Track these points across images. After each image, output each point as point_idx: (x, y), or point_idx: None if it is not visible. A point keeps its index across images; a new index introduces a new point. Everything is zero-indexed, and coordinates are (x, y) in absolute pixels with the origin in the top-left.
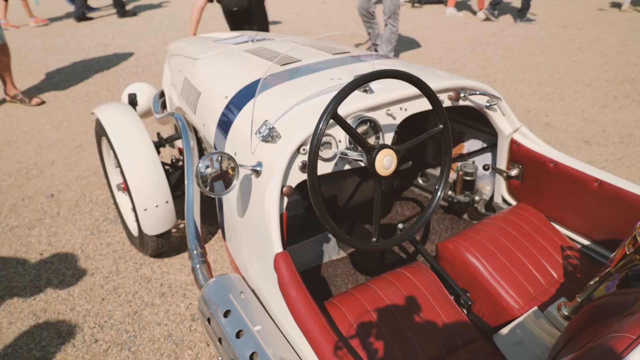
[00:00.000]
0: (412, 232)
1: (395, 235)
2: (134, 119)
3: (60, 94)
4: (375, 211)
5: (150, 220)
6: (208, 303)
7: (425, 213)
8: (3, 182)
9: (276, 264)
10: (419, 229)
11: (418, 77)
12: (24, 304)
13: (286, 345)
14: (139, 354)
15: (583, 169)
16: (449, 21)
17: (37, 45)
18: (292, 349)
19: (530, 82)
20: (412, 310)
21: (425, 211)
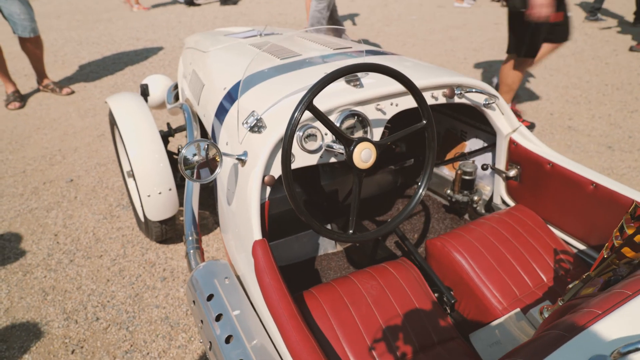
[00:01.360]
0: (388, 228)
1: (371, 230)
2: (142, 108)
3: (89, 84)
4: (353, 203)
5: (154, 207)
6: (195, 286)
7: (404, 210)
8: (28, 166)
9: (254, 251)
10: (396, 226)
11: (400, 72)
12: (35, 281)
13: (261, 330)
14: (136, 334)
15: (579, 171)
16: (479, 21)
17: (73, 37)
18: (266, 333)
19: (557, 84)
20: (389, 304)
21: (404, 208)
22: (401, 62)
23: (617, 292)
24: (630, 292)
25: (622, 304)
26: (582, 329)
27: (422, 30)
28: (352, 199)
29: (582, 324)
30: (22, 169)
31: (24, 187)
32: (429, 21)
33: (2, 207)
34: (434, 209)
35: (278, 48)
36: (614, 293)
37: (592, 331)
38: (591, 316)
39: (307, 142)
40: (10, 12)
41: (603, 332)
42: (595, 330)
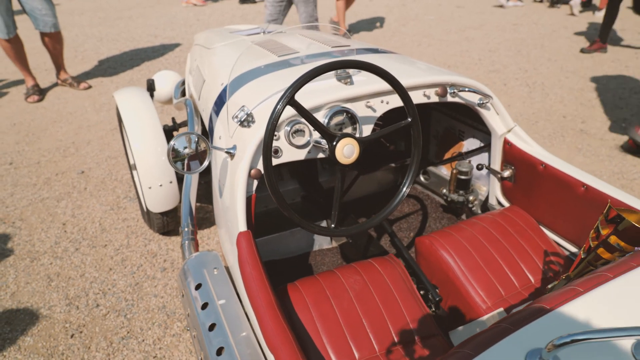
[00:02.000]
0: (370, 224)
1: (353, 225)
2: (147, 102)
3: (106, 79)
4: (335, 198)
5: (155, 199)
6: (185, 276)
7: (387, 208)
8: (42, 157)
9: (238, 242)
10: (378, 223)
11: (385, 69)
12: (41, 268)
13: (243, 319)
14: (133, 321)
15: (570, 172)
16: (497, 21)
17: (94, 34)
18: (248, 323)
19: (572, 86)
20: (371, 299)
21: (387, 206)
22: (395, 61)
23: (569, 289)
24: (582, 289)
25: (570, 300)
26: (527, 322)
27: (439, 30)
28: (335, 193)
29: (529, 317)
30: (36, 160)
31: (37, 177)
32: (446, 21)
33: (15, 196)
34: (431, 208)
35: (277, 45)
36: (566, 290)
37: (536, 325)
38: (540, 310)
39: (295, 138)
40: (32, 8)
41: (547, 325)
42: (540, 324)
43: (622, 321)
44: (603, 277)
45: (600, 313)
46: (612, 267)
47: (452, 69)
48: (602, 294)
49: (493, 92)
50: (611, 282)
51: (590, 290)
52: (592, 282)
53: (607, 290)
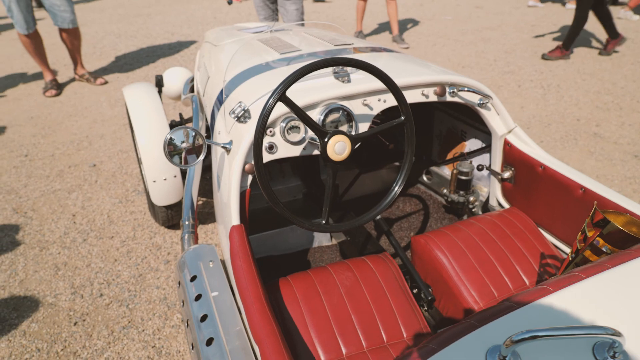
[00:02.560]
0: (359, 222)
1: (343, 222)
2: (153, 98)
3: (122, 75)
4: (326, 194)
5: (159, 192)
6: (182, 267)
7: (378, 206)
8: (57, 150)
9: (230, 235)
10: (368, 221)
11: (377, 67)
12: (49, 257)
13: (234, 312)
14: (135, 311)
15: (569, 174)
16: (515, 22)
17: (113, 30)
18: (239, 315)
19: (588, 89)
20: (361, 296)
21: (378, 204)
22: (395, 59)
23: (540, 288)
24: (553, 289)
25: (539, 299)
26: (493, 319)
27: (455, 31)
28: (326, 190)
29: (496, 314)
30: (51, 153)
31: (50, 169)
32: (463, 22)
33: (29, 187)
34: (433, 208)
35: (280, 42)
36: (537, 289)
37: (501, 322)
38: (507, 308)
39: (290, 134)
40: (51, 4)
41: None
42: (505, 321)
43: (587, 321)
44: (575, 278)
45: (566, 312)
46: (587, 267)
47: (466, 70)
48: (571, 294)
49: (507, 93)
50: (582, 282)
51: (561, 289)
52: (564, 282)
53: (577, 290)
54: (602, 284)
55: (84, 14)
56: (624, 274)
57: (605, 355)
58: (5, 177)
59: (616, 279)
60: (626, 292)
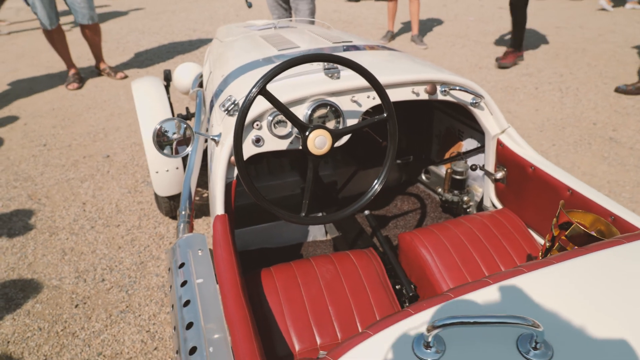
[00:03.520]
0: (336, 217)
1: (322, 215)
2: (159, 91)
3: (142, 70)
4: (307, 187)
5: (162, 183)
6: (173, 254)
7: (357, 203)
8: (74, 141)
9: (214, 224)
10: (346, 216)
11: (360, 65)
12: (58, 242)
13: (215, 298)
14: (133, 297)
15: (558, 175)
16: (539, 24)
17: (137, 27)
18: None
19: (608, 93)
20: (340, 289)
21: (357, 201)
22: (388, 57)
23: (481, 281)
24: (492, 282)
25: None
26: (427, 308)
27: (476, 31)
28: (307, 183)
29: (431, 303)
30: (68, 143)
31: (66, 159)
32: (486, 23)
33: (45, 175)
34: (431, 207)
35: (281, 39)
36: (477, 282)
37: (434, 310)
38: (443, 298)
39: (277, 128)
40: (72, 1)
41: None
42: (438, 310)
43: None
44: (518, 272)
45: (499, 303)
46: (533, 263)
47: (483, 71)
48: (509, 286)
49: (522, 95)
50: (522, 276)
51: (499, 282)
52: (505, 276)
53: (515, 283)
54: (542, 278)
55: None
56: (565, 270)
57: (528, 347)
58: (24, 165)
59: (556, 275)
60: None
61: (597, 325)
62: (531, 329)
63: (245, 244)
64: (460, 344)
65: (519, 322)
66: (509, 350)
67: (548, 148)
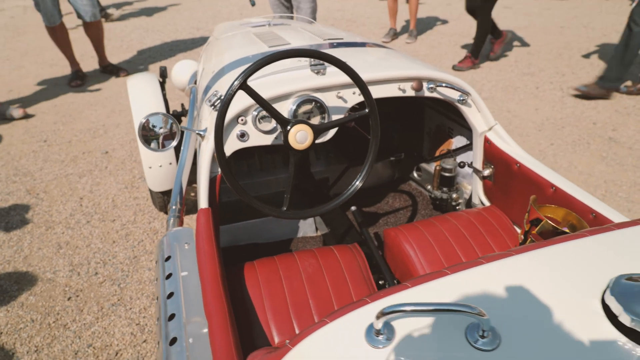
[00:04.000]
0: (315, 212)
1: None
2: (153, 87)
3: (144, 68)
4: (288, 182)
5: (155, 178)
6: (161, 247)
7: (338, 198)
8: (74, 137)
9: (197, 217)
10: (325, 211)
11: (342, 61)
12: (54, 236)
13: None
14: (125, 290)
15: (542, 172)
16: (543, 23)
17: (141, 25)
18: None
19: None
20: (321, 284)
21: (339, 196)
22: (376, 54)
23: (440, 271)
24: (450, 272)
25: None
26: (382, 297)
27: None
28: (288, 177)
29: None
30: (68, 139)
31: (66, 154)
32: None
33: (44, 171)
34: (422, 204)
35: (273, 36)
36: (436, 272)
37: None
38: (400, 288)
39: (262, 123)
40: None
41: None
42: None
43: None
44: (477, 263)
45: (453, 293)
46: (493, 255)
47: (484, 70)
48: (466, 277)
49: (522, 95)
50: (480, 267)
51: (456, 272)
52: (463, 267)
53: (473, 273)
54: (500, 270)
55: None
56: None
57: (476, 336)
58: (24, 161)
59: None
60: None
61: (546, 314)
62: (477, 318)
63: (236, 239)
64: (410, 332)
65: (464, 310)
66: (458, 338)
67: (546, 147)
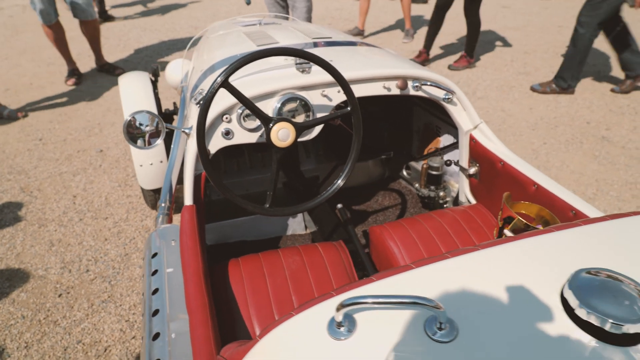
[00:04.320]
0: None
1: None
2: (145, 85)
3: (140, 67)
4: (271, 180)
5: (146, 176)
6: (149, 244)
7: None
8: (69, 135)
9: (182, 214)
10: (307, 209)
11: (321, 58)
12: (47, 233)
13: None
14: (116, 287)
15: (525, 170)
16: (542, 23)
17: (139, 24)
18: None
19: (605, 92)
20: (305, 280)
21: (319, 196)
22: (362, 52)
23: (405, 265)
24: (415, 266)
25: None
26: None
27: None
28: (271, 175)
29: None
30: (63, 138)
31: (60, 153)
32: (488, 22)
33: (38, 169)
34: (411, 202)
35: (262, 35)
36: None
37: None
38: (366, 281)
39: (247, 121)
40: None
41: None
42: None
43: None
44: (442, 257)
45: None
46: (459, 250)
47: (479, 69)
48: (430, 271)
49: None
50: (445, 261)
51: (421, 266)
52: (429, 261)
53: (437, 267)
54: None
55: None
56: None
57: (434, 329)
58: (19, 159)
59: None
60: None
61: (505, 307)
62: (434, 310)
63: (225, 237)
64: (371, 325)
65: (420, 303)
66: (417, 331)
67: (539, 146)
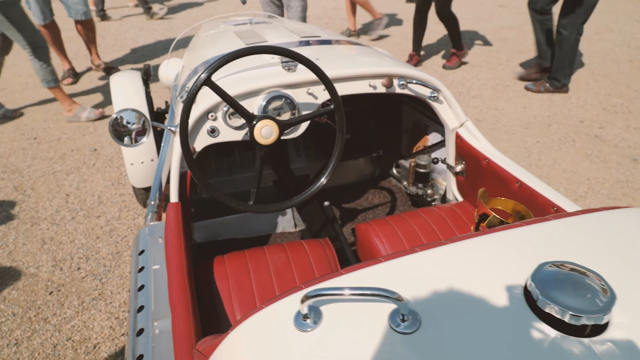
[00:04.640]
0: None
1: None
2: (136, 85)
3: (136, 66)
4: (254, 177)
5: (137, 175)
6: (136, 242)
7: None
8: (64, 135)
9: (167, 211)
10: (290, 207)
11: (306, 58)
12: (39, 232)
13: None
14: (106, 285)
15: (508, 168)
16: None
17: (137, 24)
18: None
19: (599, 91)
20: (289, 277)
21: (303, 193)
22: (348, 51)
23: (376, 260)
24: (383, 260)
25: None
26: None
27: (472, 29)
28: (254, 172)
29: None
30: (58, 137)
31: (54, 152)
32: (484, 21)
33: (32, 168)
34: (400, 200)
35: (252, 34)
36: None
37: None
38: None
39: (232, 119)
40: None
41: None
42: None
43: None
44: (411, 251)
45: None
46: (429, 244)
47: (475, 69)
48: (399, 265)
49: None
50: (414, 255)
51: (390, 260)
52: (397, 255)
53: (406, 261)
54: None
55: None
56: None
57: (397, 321)
58: (13, 158)
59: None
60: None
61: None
62: (396, 302)
63: (215, 234)
64: (336, 317)
65: (383, 294)
66: (381, 323)
67: (532, 145)
